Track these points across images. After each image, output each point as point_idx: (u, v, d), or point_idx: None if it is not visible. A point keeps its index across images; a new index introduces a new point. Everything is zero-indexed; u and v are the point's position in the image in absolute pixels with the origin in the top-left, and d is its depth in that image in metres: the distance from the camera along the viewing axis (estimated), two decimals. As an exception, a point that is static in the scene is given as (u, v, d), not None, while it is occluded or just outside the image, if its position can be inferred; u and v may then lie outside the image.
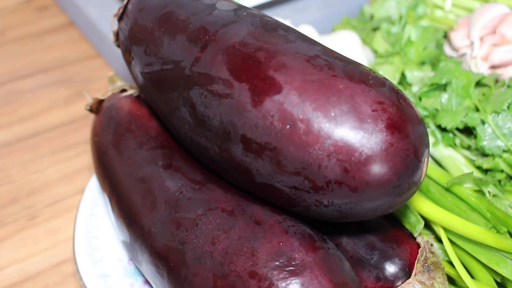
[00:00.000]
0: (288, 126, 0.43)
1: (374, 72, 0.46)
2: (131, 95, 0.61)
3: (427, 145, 0.45)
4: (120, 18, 0.57)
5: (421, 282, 0.49)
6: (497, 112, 0.58)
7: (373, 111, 0.42)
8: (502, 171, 0.59)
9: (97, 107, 0.63)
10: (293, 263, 0.43)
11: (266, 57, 0.46)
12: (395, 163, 0.42)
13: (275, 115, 0.44)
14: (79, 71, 0.91)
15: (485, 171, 0.60)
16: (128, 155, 0.55)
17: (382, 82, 0.45)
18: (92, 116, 0.83)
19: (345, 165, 0.42)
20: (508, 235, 0.51)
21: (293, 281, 0.42)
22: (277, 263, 0.43)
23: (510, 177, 0.59)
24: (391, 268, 0.50)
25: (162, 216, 0.50)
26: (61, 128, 0.82)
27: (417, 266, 0.49)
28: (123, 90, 0.62)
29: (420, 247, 0.51)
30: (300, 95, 0.43)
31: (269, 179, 0.46)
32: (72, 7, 0.97)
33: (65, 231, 0.68)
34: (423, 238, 0.52)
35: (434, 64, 0.68)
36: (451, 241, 0.53)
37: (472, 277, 0.52)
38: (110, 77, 0.65)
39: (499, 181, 0.58)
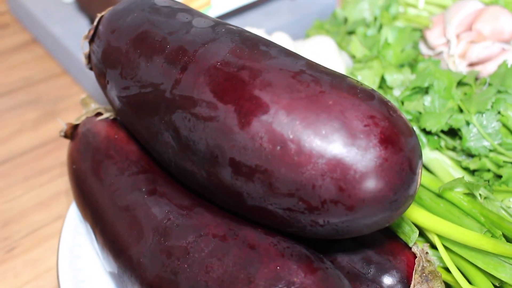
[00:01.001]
0: (278, 147, 0.42)
1: (362, 84, 0.45)
2: (107, 118, 0.59)
3: (421, 156, 0.44)
4: (91, 40, 0.55)
5: (420, 293, 0.48)
6: (481, 112, 0.57)
7: (365, 126, 0.41)
8: (489, 170, 0.59)
9: (71, 133, 0.60)
10: (292, 286, 0.42)
11: (250, 76, 0.44)
12: (390, 178, 0.41)
13: (264, 137, 0.42)
14: (46, 90, 0.88)
15: (472, 172, 0.60)
16: (110, 182, 0.53)
17: (370, 95, 0.43)
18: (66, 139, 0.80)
19: (340, 184, 0.41)
20: (503, 239, 0.50)
21: (295, 307, 0.41)
22: (275, 288, 0.42)
23: (497, 176, 0.59)
24: (389, 281, 0.49)
25: (151, 246, 0.48)
26: (33, 152, 0.79)
27: (415, 277, 0.48)
28: (98, 114, 0.60)
29: (416, 257, 0.50)
30: (288, 114, 0.42)
31: (261, 202, 0.44)
32: (34, 24, 0.94)
33: (46, 262, 0.66)
34: (419, 247, 0.51)
35: (412, 65, 0.67)
36: (446, 248, 0.52)
37: (470, 282, 0.51)
38: (82, 99, 0.63)
39: (488, 181, 0.58)
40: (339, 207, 0.42)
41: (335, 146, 0.41)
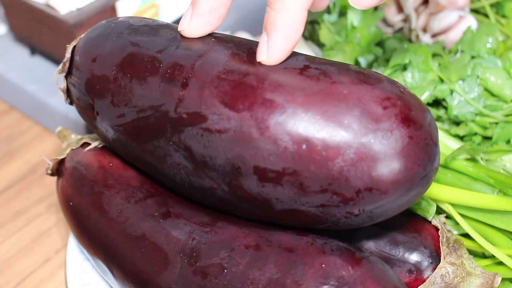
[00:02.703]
0: (304, 146, 0.41)
1: (365, 69, 0.45)
2: (95, 147, 0.56)
3: (437, 128, 0.45)
4: (68, 73, 0.52)
5: (452, 264, 0.49)
6: (462, 79, 0.59)
7: (384, 108, 0.41)
8: (475, 134, 0.60)
9: (57, 169, 0.57)
10: (343, 281, 0.42)
11: (257, 80, 0.43)
12: (419, 155, 0.42)
13: (287, 138, 0.41)
14: (-4, 130, 0.84)
15: (461, 138, 0.61)
16: (117, 214, 0.51)
17: (379, 77, 0.44)
18: (32, 176, 0.77)
19: (372, 170, 0.41)
20: (516, 196, 0.52)
21: (351, 301, 0.41)
22: (326, 286, 0.42)
23: (485, 137, 0.61)
24: (420, 258, 0.49)
25: (181, 270, 0.46)
26: (0, 197, 0.75)
27: (443, 249, 0.49)
28: (84, 144, 0.57)
29: (438, 229, 0.51)
30: (307, 110, 0.41)
31: (292, 204, 0.43)
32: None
33: (46, 309, 0.63)
34: (437, 219, 0.52)
35: (377, 44, 0.68)
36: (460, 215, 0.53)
37: (490, 244, 0.52)
38: (59, 132, 0.60)
39: (478, 144, 0.59)
40: (374, 193, 0.42)
41: (361, 133, 0.41)
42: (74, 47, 0.53)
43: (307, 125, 0.41)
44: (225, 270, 0.45)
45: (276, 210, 0.44)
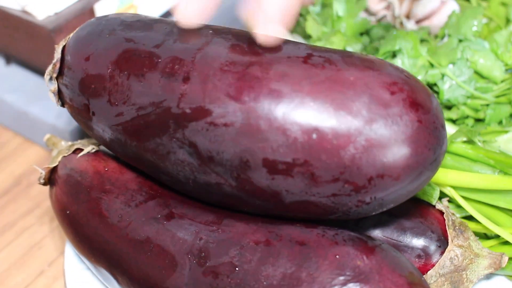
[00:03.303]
0: (314, 135, 0.41)
1: (367, 55, 0.45)
2: (88, 152, 0.55)
3: (443, 112, 0.44)
4: (60, 74, 0.51)
5: (459, 246, 0.49)
6: (452, 63, 0.59)
7: (391, 94, 0.41)
8: (467, 117, 0.61)
9: (49, 178, 0.56)
10: (359, 271, 0.41)
11: (261, 70, 0.42)
12: (428, 139, 0.41)
13: (296, 128, 0.41)
14: (-25, 144, 0.81)
15: (454, 122, 0.61)
16: (118, 219, 0.50)
17: (383, 63, 0.43)
18: (17, 188, 0.74)
19: (383, 156, 0.40)
20: (518, 175, 0.52)
21: (369, 290, 0.40)
22: (342, 277, 0.41)
23: (477, 120, 0.61)
24: (428, 243, 0.49)
25: (190, 271, 0.45)
26: (-15, 211, 0.73)
27: (450, 232, 0.49)
28: (77, 150, 0.55)
29: (443, 213, 0.51)
30: (315, 99, 0.41)
31: (303, 195, 0.43)
32: None
33: (45, 322, 0.61)
34: (441, 204, 0.52)
35: (363, 33, 0.68)
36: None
37: (493, 225, 0.53)
38: (48, 140, 0.58)
39: (472, 127, 0.60)
40: (386, 179, 0.41)
41: (371, 119, 0.40)
42: (64, 46, 0.51)
43: (316, 114, 0.41)
44: (237, 268, 0.44)
45: (286, 203, 0.44)
